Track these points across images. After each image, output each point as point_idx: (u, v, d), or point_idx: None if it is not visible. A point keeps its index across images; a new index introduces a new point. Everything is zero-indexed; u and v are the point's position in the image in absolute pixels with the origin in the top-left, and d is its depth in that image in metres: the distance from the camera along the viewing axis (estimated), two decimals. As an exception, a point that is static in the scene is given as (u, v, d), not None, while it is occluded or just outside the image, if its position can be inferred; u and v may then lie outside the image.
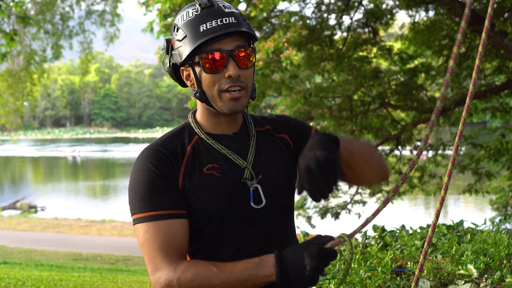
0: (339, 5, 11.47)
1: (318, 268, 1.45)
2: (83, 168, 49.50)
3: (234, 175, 1.68)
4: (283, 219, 1.76)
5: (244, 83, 1.66)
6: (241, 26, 1.64)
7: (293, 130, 1.88)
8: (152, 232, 1.58)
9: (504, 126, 11.35)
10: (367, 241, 3.86)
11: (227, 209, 1.65)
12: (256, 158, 1.74)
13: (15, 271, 10.49)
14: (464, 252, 3.09)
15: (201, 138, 1.73)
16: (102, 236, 19.88)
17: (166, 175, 1.63)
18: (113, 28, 21.73)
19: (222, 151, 1.70)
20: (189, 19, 1.66)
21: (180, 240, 1.60)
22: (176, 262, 1.55)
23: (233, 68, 1.63)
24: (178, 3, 8.81)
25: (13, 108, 20.02)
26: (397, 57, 11.90)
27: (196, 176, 1.65)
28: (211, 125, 1.75)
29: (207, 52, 1.63)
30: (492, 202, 12.79)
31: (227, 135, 1.75)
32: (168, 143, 1.70)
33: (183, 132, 1.75)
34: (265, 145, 1.79)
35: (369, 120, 11.44)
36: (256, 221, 1.69)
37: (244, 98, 1.67)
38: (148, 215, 1.59)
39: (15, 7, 9.97)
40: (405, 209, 23.19)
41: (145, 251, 1.59)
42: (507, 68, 10.66)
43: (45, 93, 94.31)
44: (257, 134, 1.80)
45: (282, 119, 1.90)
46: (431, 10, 11.61)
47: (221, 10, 1.64)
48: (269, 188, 1.71)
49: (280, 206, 1.75)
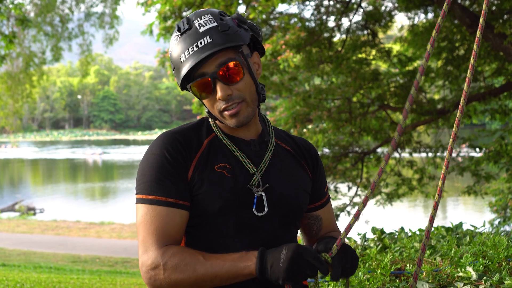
0: (338, 7, 11.49)
1: (292, 260, 1.49)
2: (82, 171, 49.47)
3: (243, 179, 1.68)
4: (286, 233, 1.74)
5: (239, 97, 1.65)
6: (216, 44, 1.60)
7: (315, 171, 1.89)
8: (151, 216, 1.61)
9: (504, 128, 11.36)
10: (366, 243, 3.85)
11: (229, 211, 1.65)
12: (269, 168, 1.73)
13: (13, 273, 10.48)
14: (463, 254, 3.08)
15: (218, 136, 1.74)
16: (101, 238, 19.86)
17: (178, 163, 1.65)
18: (112, 30, 21.75)
19: (236, 153, 1.71)
20: (173, 47, 1.69)
21: (176, 230, 1.62)
22: (165, 247, 1.58)
23: (220, 90, 1.63)
24: (178, 5, 8.82)
25: (12, 110, 20.02)
26: (396, 59, 11.91)
27: (207, 172, 1.66)
28: (228, 127, 1.76)
29: (194, 79, 1.65)
30: (491, 204, 12.79)
31: (244, 140, 1.75)
32: (186, 133, 1.72)
33: (202, 126, 1.77)
34: (282, 160, 1.79)
35: (368, 122, 11.44)
36: (257, 229, 1.67)
37: (245, 110, 1.67)
38: (151, 199, 1.62)
39: (14, 9, 9.98)
40: (404, 211, 23.20)
41: (139, 231, 1.63)
42: (506, 70, 10.68)
43: (44, 95, 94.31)
44: (276, 146, 1.80)
45: (311, 151, 1.90)
46: (430, 12, 11.64)
47: (196, 32, 1.63)
48: (275, 199, 1.70)
49: (284, 219, 1.73)
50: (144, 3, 9.62)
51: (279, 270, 1.49)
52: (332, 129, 11.15)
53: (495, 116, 11.16)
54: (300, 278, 1.50)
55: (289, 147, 1.85)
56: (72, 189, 37.07)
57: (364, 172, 12.32)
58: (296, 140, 1.89)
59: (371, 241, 3.87)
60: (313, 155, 1.89)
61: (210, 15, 1.67)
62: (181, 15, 9.11)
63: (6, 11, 10.33)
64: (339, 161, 11.87)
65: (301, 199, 1.78)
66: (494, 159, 10.89)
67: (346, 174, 12.11)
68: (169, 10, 9.00)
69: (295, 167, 1.81)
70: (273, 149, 1.78)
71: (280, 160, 1.78)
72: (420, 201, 25.09)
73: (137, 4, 9.85)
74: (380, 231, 3.99)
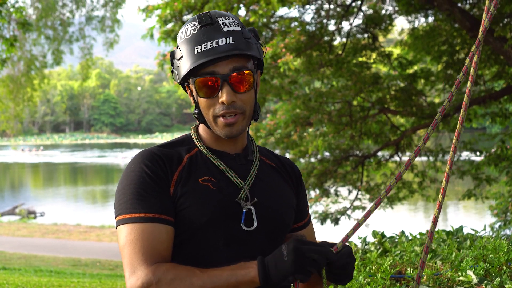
0: (339, 11, 11.50)
1: (297, 250, 1.43)
2: (81, 174, 49.48)
3: (230, 192, 1.62)
4: (274, 246, 1.64)
5: (240, 108, 1.60)
6: (238, 48, 1.56)
7: (299, 189, 1.85)
8: (135, 235, 1.50)
9: (504, 132, 11.36)
10: (366, 247, 3.85)
11: (217, 223, 1.58)
12: (256, 182, 1.68)
13: (14, 277, 10.47)
14: (464, 258, 3.08)
15: (201, 151, 1.68)
16: (102, 241, 19.83)
17: (158, 177, 1.57)
18: (113, 34, 21.78)
19: (221, 167, 1.65)
20: (186, 38, 1.61)
21: (164, 247, 1.53)
22: (156, 264, 1.48)
23: (226, 94, 1.56)
24: (178, 9, 8.83)
25: (13, 113, 20.04)
26: (396, 63, 11.92)
27: (190, 185, 1.59)
28: (213, 141, 1.70)
29: (201, 75, 1.58)
30: (492, 208, 12.77)
31: (228, 154, 1.70)
32: (165, 149, 1.65)
33: (182, 143, 1.71)
34: (267, 175, 1.75)
35: (368, 126, 11.45)
36: (246, 243, 1.62)
37: (241, 123, 1.62)
38: (133, 217, 1.52)
39: (15, 13, 9.99)
40: (405, 215, 23.18)
41: (124, 254, 1.51)
42: (507, 74, 10.68)
43: (45, 98, 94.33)
44: (261, 162, 1.76)
45: (295, 169, 1.86)
46: (430, 16, 11.65)
47: (219, 30, 1.57)
48: (263, 214, 1.65)
49: (272, 234, 1.68)
50: (145, 8, 9.64)
51: (285, 265, 1.43)
52: (332, 133, 11.15)
53: (495, 120, 11.16)
54: (309, 268, 1.43)
55: (273, 163, 1.81)
56: (73, 192, 37.07)
57: (365, 176, 12.33)
58: (279, 158, 1.86)
59: (372, 244, 3.87)
60: (297, 174, 1.86)
61: (234, 19, 1.63)
62: (182, 19, 9.13)
63: (7, 14, 10.34)
64: (339, 165, 11.88)
65: (288, 215, 1.75)
66: (494, 162, 10.89)
67: (347, 178, 12.11)
68: (170, 14, 9.01)
69: (281, 183, 1.78)
70: (258, 163, 1.73)
71: (265, 175, 1.74)
72: (421, 205, 25.07)
73: (138, 10, 9.87)
74: (380, 235, 3.99)
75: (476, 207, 22.84)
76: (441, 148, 12.10)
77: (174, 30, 9.16)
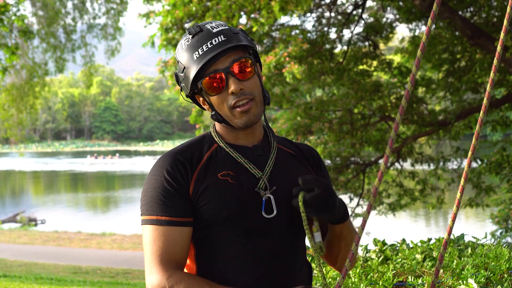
0: (340, 19, 11.54)
1: None
2: (82, 181, 49.45)
3: (249, 184, 1.70)
4: (295, 236, 1.74)
5: (250, 94, 1.69)
6: (231, 42, 1.68)
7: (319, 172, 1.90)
8: (154, 236, 1.65)
9: (505, 140, 11.36)
10: (367, 255, 3.85)
11: (237, 217, 1.65)
12: (274, 171, 1.75)
13: (15, 284, 10.45)
14: (465, 266, 3.08)
15: (220, 147, 1.77)
16: (102, 249, 19.80)
17: (177, 183, 1.67)
18: (115, 42, 21.81)
19: (239, 160, 1.73)
20: (183, 50, 1.73)
21: (179, 249, 1.65)
22: (170, 270, 1.61)
23: (233, 84, 1.67)
24: (180, 17, 8.86)
25: (16, 121, 20.09)
26: (397, 71, 11.94)
27: (210, 181, 1.68)
28: (231, 137, 1.79)
29: (206, 76, 1.69)
30: (493, 216, 12.76)
31: (246, 147, 1.78)
32: (186, 150, 1.75)
33: (203, 141, 1.80)
34: (285, 163, 1.81)
35: (369, 134, 11.45)
36: (267, 233, 1.68)
37: (255, 108, 1.71)
38: (153, 219, 1.66)
39: (17, 21, 10.02)
40: (406, 223, 23.12)
41: (145, 251, 1.68)
42: (508, 81, 10.69)
43: (46, 106, 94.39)
44: (278, 150, 1.83)
45: (314, 154, 1.93)
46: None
47: (210, 33, 1.70)
48: (283, 201, 1.70)
49: (293, 221, 1.73)
50: (146, 14, 9.67)
51: None
52: (333, 141, 11.15)
53: (496, 128, 11.16)
54: None
55: (292, 150, 1.87)
56: (73, 200, 37.03)
57: (366, 183, 12.32)
58: (297, 144, 1.92)
59: (373, 252, 3.87)
60: (316, 157, 1.91)
61: (220, 22, 1.76)
62: (183, 26, 9.15)
63: (9, 22, 10.37)
64: (340, 173, 11.87)
65: None
66: (495, 170, 10.88)
67: (348, 186, 12.10)
68: (171, 21, 9.04)
69: (300, 169, 1.83)
70: (275, 152, 1.80)
71: (283, 163, 1.80)
72: (421, 213, 25.02)
73: (138, 16, 9.89)
74: (381, 243, 3.99)
75: (477, 214, 22.79)
76: (442, 155, 12.10)
77: (175, 38, 9.18)
